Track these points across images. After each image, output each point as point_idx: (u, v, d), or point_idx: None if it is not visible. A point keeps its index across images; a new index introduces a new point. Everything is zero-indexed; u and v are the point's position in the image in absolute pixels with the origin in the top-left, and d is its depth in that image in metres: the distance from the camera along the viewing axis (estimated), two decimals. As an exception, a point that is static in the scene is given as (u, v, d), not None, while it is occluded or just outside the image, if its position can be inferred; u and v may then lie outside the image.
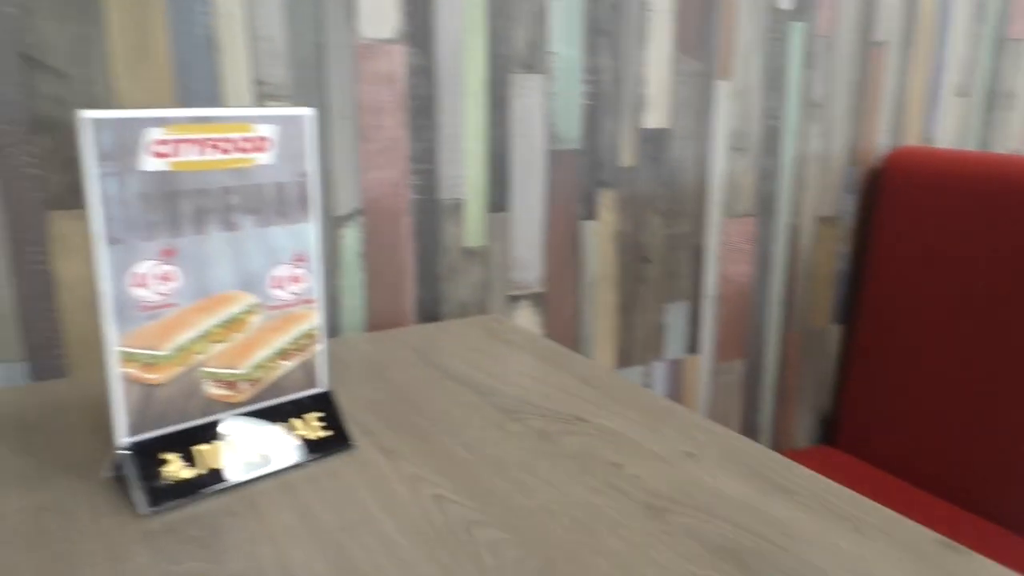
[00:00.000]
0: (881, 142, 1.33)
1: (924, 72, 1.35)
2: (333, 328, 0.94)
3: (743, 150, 1.18)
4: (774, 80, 1.19)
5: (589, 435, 0.67)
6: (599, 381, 0.78)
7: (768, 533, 0.53)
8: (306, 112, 0.58)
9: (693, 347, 1.20)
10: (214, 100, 0.81)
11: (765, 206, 1.23)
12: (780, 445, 1.34)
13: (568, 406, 0.72)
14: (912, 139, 1.37)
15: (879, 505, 0.57)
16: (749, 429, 1.30)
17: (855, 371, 1.34)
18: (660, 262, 1.14)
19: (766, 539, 0.52)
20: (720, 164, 1.17)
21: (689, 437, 0.67)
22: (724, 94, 1.15)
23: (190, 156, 0.53)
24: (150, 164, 0.51)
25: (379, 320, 0.96)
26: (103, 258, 0.51)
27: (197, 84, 0.80)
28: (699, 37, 1.10)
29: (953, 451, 1.21)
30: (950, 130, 1.42)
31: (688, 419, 0.70)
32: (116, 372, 0.53)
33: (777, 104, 1.20)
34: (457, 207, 0.98)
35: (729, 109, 1.16)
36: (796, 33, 1.19)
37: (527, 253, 1.03)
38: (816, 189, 1.28)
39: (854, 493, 0.59)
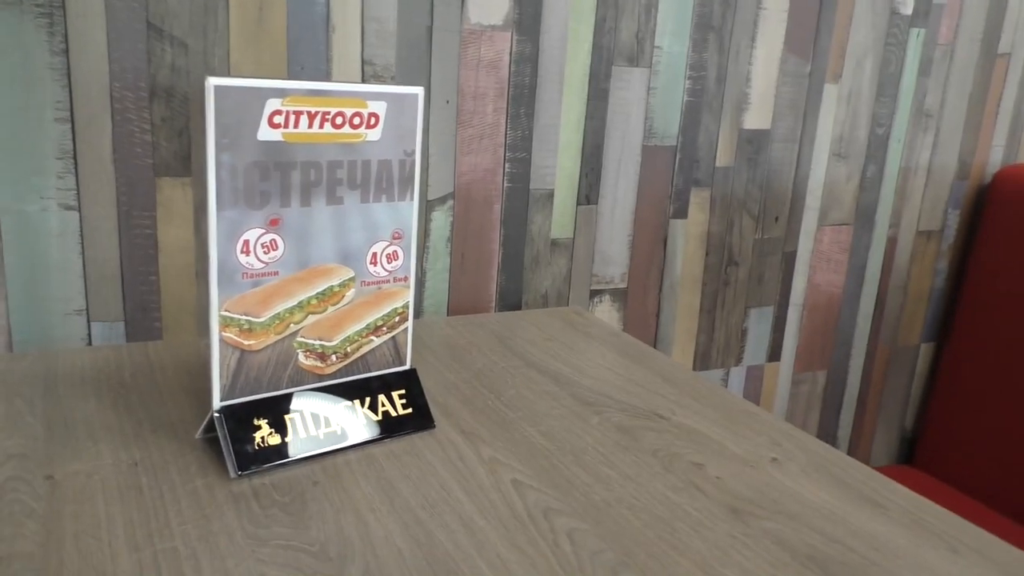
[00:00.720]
0: (994, 158, 1.27)
1: (1044, 86, 1.29)
2: (416, 310, 0.95)
3: (846, 156, 1.15)
4: (886, 86, 1.15)
5: (669, 432, 0.66)
6: (679, 379, 0.77)
7: (857, 546, 0.51)
8: (417, 91, 0.59)
9: (774, 354, 1.18)
10: (322, 77, 0.83)
11: (863, 216, 1.19)
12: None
13: (648, 402, 0.72)
14: (1026, 156, 1.31)
15: (975, 526, 0.55)
16: (825, 442, 1.27)
17: (942, 391, 1.29)
18: (748, 266, 1.12)
19: (855, 551, 0.51)
20: (820, 169, 1.13)
21: (773, 442, 0.65)
22: (831, 97, 1.11)
23: (303, 128, 0.54)
24: (266, 134, 0.53)
25: (461, 305, 0.97)
26: (214, 224, 0.53)
27: (308, 60, 0.82)
28: (810, 37, 1.07)
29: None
30: (1067, 149, 1.35)
31: (772, 423, 0.69)
32: (216, 336, 0.55)
33: (887, 111, 1.16)
34: (547, 197, 0.97)
35: (835, 113, 1.12)
36: (914, 39, 1.14)
37: (613, 248, 1.03)
38: (919, 201, 1.23)
39: (948, 512, 0.57)
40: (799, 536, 0.52)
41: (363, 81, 0.85)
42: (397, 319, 0.64)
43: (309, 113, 0.54)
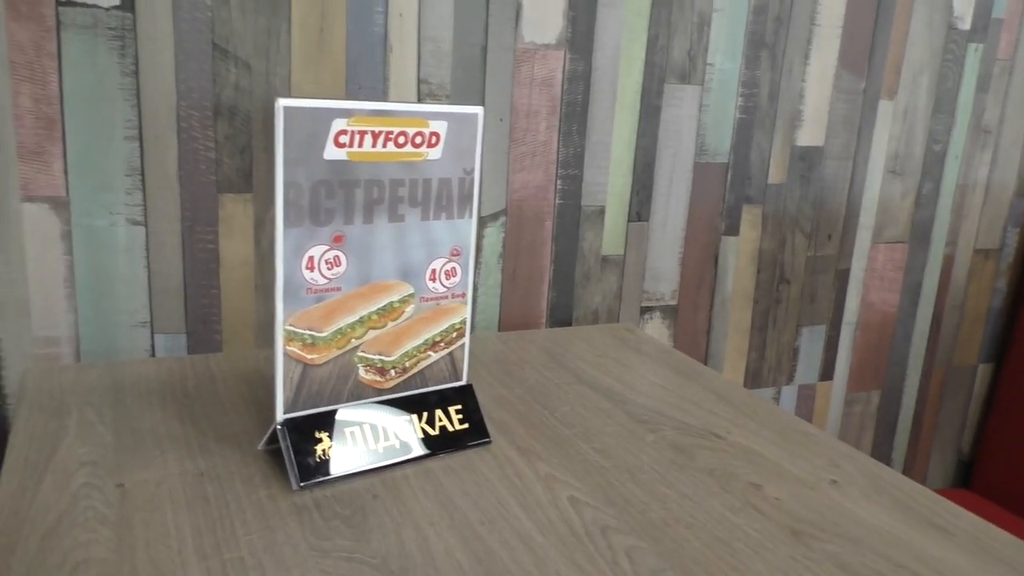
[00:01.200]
0: (1054, 174, 1.24)
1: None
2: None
3: (901, 174, 1.13)
4: (943, 102, 1.13)
5: (725, 452, 0.65)
6: (733, 397, 0.77)
7: (921, 570, 0.51)
8: (477, 111, 0.60)
9: (826, 373, 1.16)
10: (379, 96, 0.85)
11: (919, 233, 1.17)
12: (914, 485, 1.28)
13: (702, 420, 0.71)
14: (1088, 173, 1.28)
15: (1044, 560, 0.53)
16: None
17: (1000, 413, 1.26)
18: (800, 283, 1.11)
19: (917, 581, 0.50)
20: (874, 186, 1.12)
21: (831, 463, 0.65)
22: (886, 114, 1.10)
23: (367, 147, 0.55)
24: (331, 153, 0.54)
25: (512, 320, 0.97)
26: (281, 241, 0.54)
27: (365, 80, 0.84)
28: (865, 53, 1.06)
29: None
30: None
31: (829, 444, 0.68)
32: (280, 350, 0.56)
33: (944, 127, 1.14)
34: (598, 214, 0.98)
35: (890, 130, 1.11)
36: (972, 54, 1.13)
37: (664, 264, 1.03)
38: (977, 219, 1.21)
39: (1013, 536, 0.55)
40: (862, 560, 0.52)
41: (419, 100, 0.87)
42: (455, 335, 0.65)
43: (373, 133, 0.55)
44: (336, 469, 0.58)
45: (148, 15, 0.75)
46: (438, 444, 0.62)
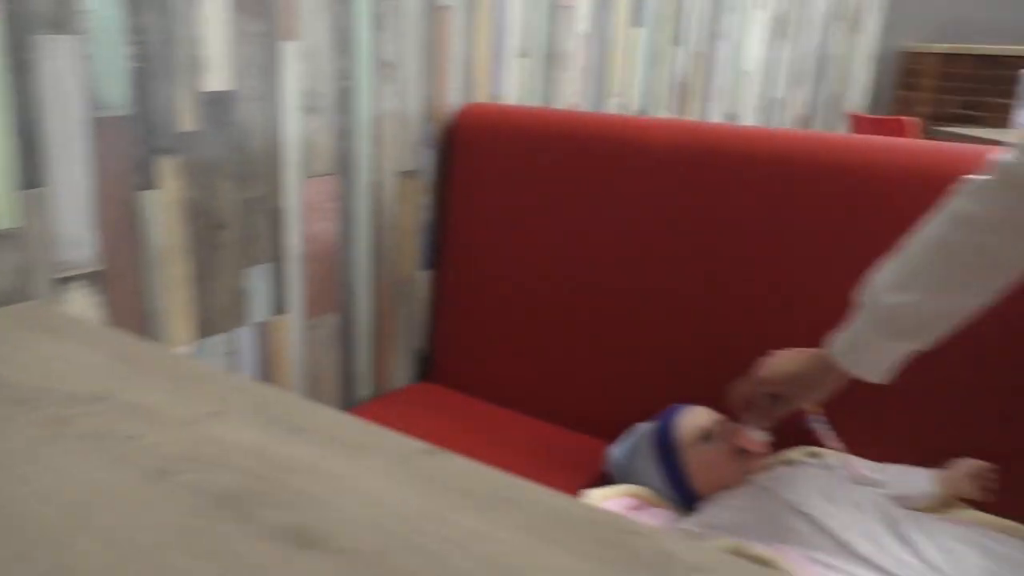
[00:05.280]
0: (453, 100, 1.44)
1: (488, 35, 1.48)
2: None
3: (316, 110, 1.21)
4: (343, 41, 1.23)
5: (110, 413, 0.66)
6: (138, 357, 0.77)
7: (272, 473, 0.57)
8: None
9: (280, 308, 1.23)
10: None
11: (345, 164, 1.27)
12: (381, 387, 1.42)
13: (93, 386, 0.71)
14: (482, 96, 1.50)
15: (372, 425, 0.64)
16: (348, 377, 1.37)
17: (443, 310, 1.46)
18: (236, 227, 1.14)
19: (269, 478, 0.56)
20: (293, 125, 1.18)
21: (219, 398, 0.69)
22: (291, 55, 1.16)
23: None
24: None
25: None
26: None
27: None
28: (256, -2, 1.10)
29: (540, 374, 1.37)
30: (515, 87, 1.58)
31: (224, 381, 0.72)
32: None
33: (349, 65, 1.24)
34: (-18, 184, 0.89)
35: (298, 70, 1.17)
36: (365, -6, 1.24)
37: (75, 230, 0.97)
38: (395, 146, 1.35)
39: (361, 421, 0.65)
40: (219, 479, 0.56)
41: None
42: None
43: None
44: None
45: None
46: None
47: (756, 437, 0.98)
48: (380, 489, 0.56)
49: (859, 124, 3.00)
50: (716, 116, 2.35)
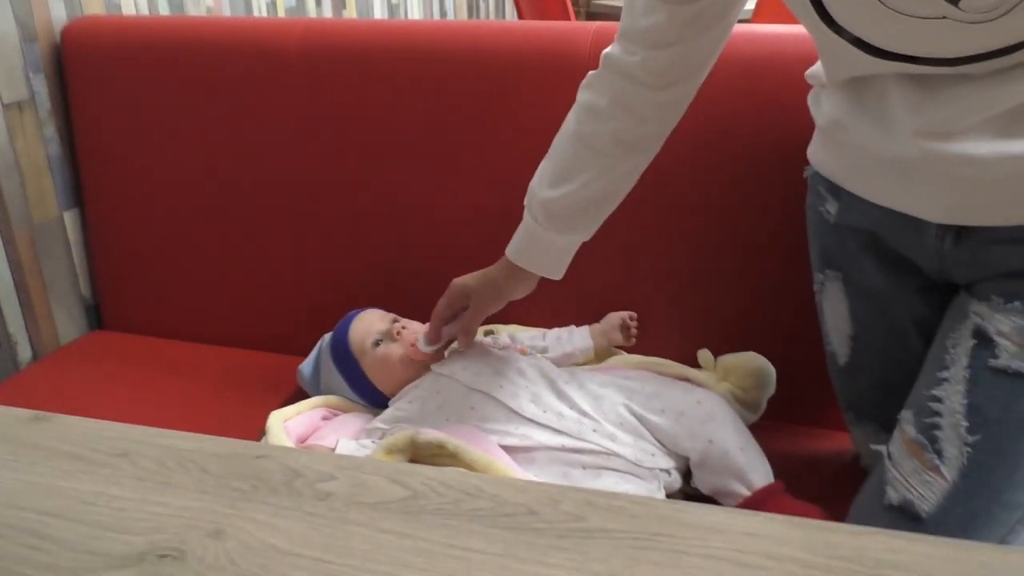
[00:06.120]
0: (57, 14, 1.26)
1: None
2: None
3: None
4: None
5: None
6: None
7: None
8: None
9: None
10: None
11: (-69, 104, 1.09)
12: (46, 346, 1.29)
13: None
14: (95, 7, 1.33)
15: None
16: (-2, 344, 1.22)
17: (104, 252, 1.34)
18: None
19: None
20: None
21: None
22: None
23: None
24: None
25: None
26: None
27: None
28: None
29: (219, 302, 1.31)
30: (138, -6, 1.42)
31: None
32: None
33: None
34: None
35: None
36: None
37: None
38: (-6, 74, 1.17)
39: None
40: None
41: None
42: None
43: None
44: None
45: None
46: None
47: (421, 346, 1.01)
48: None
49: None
50: (378, 11, 2.30)
